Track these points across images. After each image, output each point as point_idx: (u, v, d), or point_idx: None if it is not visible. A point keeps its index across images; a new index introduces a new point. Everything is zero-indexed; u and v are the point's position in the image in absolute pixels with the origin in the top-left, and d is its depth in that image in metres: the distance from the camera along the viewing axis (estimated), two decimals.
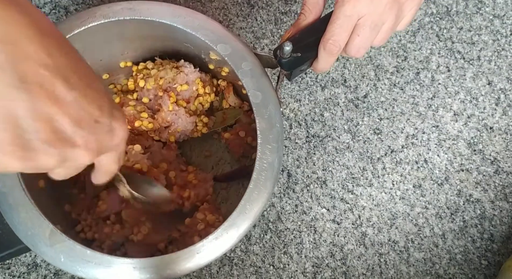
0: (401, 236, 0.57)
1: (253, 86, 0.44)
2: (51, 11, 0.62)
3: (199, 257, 0.40)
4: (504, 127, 0.60)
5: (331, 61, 0.42)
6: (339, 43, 0.40)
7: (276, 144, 0.43)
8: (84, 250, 0.39)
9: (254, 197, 0.41)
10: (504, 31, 0.63)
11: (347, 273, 0.55)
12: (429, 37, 0.63)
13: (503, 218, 0.57)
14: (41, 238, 0.39)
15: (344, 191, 0.58)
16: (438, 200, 0.58)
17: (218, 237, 0.40)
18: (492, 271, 0.56)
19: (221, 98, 0.53)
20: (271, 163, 0.42)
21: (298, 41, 0.42)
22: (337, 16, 0.39)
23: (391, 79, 0.61)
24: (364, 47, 0.41)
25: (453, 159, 0.59)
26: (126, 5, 0.45)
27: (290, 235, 0.56)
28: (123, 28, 0.46)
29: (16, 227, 0.40)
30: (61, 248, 0.39)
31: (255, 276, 0.55)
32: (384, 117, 0.60)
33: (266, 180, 0.42)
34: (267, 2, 0.64)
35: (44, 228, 0.40)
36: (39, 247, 0.40)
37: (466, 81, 0.62)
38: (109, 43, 0.49)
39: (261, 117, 0.43)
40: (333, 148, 0.59)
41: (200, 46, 0.47)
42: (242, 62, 0.44)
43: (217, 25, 0.46)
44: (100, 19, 0.44)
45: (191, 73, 0.51)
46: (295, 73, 0.44)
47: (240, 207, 0.41)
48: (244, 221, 0.41)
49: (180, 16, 0.45)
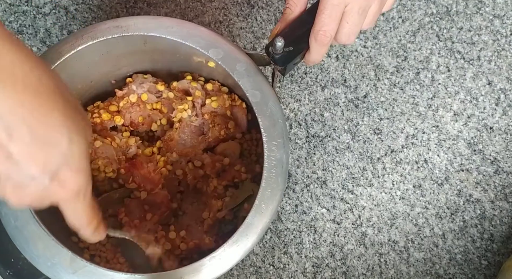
0: (401, 236, 0.57)
1: (251, 86, 0.44)
2: (51, 11, 0.62)
3: (220, 262, 0.40)
4: (504, 127, 0.60)
5: (323, 51, 0.42)
6: (329, 33, 0.40)
7: (282, 140, 0.43)
8: (105, 272, 0.39)
9: (267, 195, 0.41)
10: (504, 31, 0.63)
11: (347, 273, 0.55)
12: (429, 37, 0.63)
13: (503, 218, 0.57)
14: (62, 267, 0.39)
15: (344, 191, 0.58)
16: (438, 200, 0.58)
17: (237, 241, 0.40)
18: (492, 271, 0.56)
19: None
20: (280, 159, 0.42)
21: (288, 35, 0.41)
22: (324, 6, 0.39)
23: (391, 79, 0.61)
24: (354, 33, 0.41)
25: (453, 159, 0.59)
26: (112, 23, 0.45)
27: (290, 235, 0.56)
28: (111, 45, 0.46)
29: (35, 259, 0.40)
30: (84, 273, 0.39)
31: (255, 276, 0.55)
32: (384, 117, 0.60)
33: (277, 177, 0.42)
34: (267, 2, 0.64)
35: (63, 256, 0.40)
36: (62, 276, 0.40)
37: (466, 81, 0.62)
38: (99, 63, 0.48)
39: (263, 115, 0.43)
40: (333, 148, 0.59)
41: (190, 54, 0.46)
42: (236, 63, 0.44)
43: (206, 30, 0.45)
44: (87, 40, 0.44)
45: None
46: (289, 68, 0.44)
47: (255, 207, 0.41)
48: (262, 220, 0.41)
49: (167, 27, 0.45)
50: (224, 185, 0.50)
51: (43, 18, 0.62)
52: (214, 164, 0.49)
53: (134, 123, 0.50)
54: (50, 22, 0.62)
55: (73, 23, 0.62)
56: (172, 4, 0.63)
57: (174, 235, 0.47)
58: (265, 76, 0.45)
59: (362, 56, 0.62)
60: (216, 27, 0.63)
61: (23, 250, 0.40)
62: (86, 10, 0.63)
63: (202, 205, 0.50)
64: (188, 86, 0.51)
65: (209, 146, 0.51)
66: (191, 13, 0.63)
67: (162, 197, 0.48)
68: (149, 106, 0.50)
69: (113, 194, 0.48)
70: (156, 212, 0.48)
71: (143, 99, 0.50)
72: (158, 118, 0.51)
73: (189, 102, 0.50)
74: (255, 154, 0.51)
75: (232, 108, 0.51)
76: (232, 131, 0.51)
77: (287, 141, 0.43)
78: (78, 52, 0.44)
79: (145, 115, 0.50)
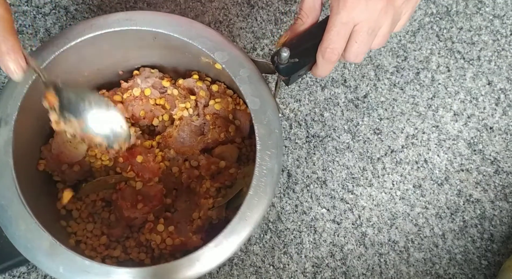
0: (401, 236, 0.57)
1: (251, 93, 0.44)
2: (51, 11, 0.62)
3: (200, 265, 0.40)
4: (504, 127, 0.60)
5: (330, 68, 0.42)
6: (337, 50, 0.40)
7: (276, 150, 0.42)
8: (83, 260, 0.39)
9: (254, 204, 0.41)
10: (504, 31, 0.63)
11: (347, 273, 0.55)
12: (429, 37, 0.63)
13: (503, 218, 0.57)
14: (40, 250, 0.39)
15: (344, 191, 0.58)
16: (438, 200, 0.58)
17: (218, 244, 0.40)
18: (492, 271, 0.56)
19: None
20: (271, 169, 0.42)
21: (295, 46, 0.41)
22: (333, 23, 0.39)
23: (391, 79, 0.61)
24: (363, 52, 0.41)
25: (453, 159, 0.59)
26: (122, 16, 0.45)
27: (290, 235, 0.56)
28: (121, 37, 0.46)
29: (15, 239, 0.40)
30: (61, 259, 0.39)
31: (255, 276, 0.55)
32: (384, 117, 0.60)
33: (266, 186, 0.41)
34: (267, 2, 0.64)
35: (43, 240, 0.40)
36: (38, 259, 0.39)
37: (466, 81, 0.62)
38: (107, 52, 0.48)
39: (260, 123, 0.43)
40: (333, 148, 0.59)
41: (198, 54, 0.46)
42: (240, 69, 0.44)
43: (214, 33, 0.46)
44: (96, 30, 0.44)
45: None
46: (293, 78, 0.44)
47: (240, 214, 0.41)
48: (245, 227, 0.41)
49: (177, 25, 0.45)
50: (217, 187, 0.50)
51: (43, 18, 0.62)
52: (209, 166, 0.49)
53: (135, 116, 0.50)
54: (50, 22, 0.62)
55: (73, 23, 0.62)
56: (172, 4, 0.63)
57: (162, 228, 0.48)
58: (268, 84, 0.45)
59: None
60: (216, 27, 0.63)
61: (5, 228, 0.40)
62: (86, 10, 0.63)
63: (194, 205, 0.50)
64: (193, 85, 0.51)
65: (207, 147, 0.51)
66: (191, 13, 0.63)
67: (157, 190, 0.48)
68: (152, 101, 0.50)
69: (109, 179, 0.49)
70: (148, 203, 0.48)
71: (146, 94, 0.50)
72: (160, 114, 0.51)
73: (192, 101, 0.50)
74: (253, 160, 0.52)
75: (235, 112, 0.51)
76: (232, 134, 0.51)
77: (281, 152, 0.43)
78: (86, 40, 0.44)
79: (147, 109, 0.50)
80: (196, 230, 0.48)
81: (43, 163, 0.48)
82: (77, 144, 0.47)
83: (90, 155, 0.48)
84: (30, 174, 0.46)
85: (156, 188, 0.48)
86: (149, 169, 0.48)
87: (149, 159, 0.48)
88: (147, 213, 0.48)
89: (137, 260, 0.48)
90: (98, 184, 0.49)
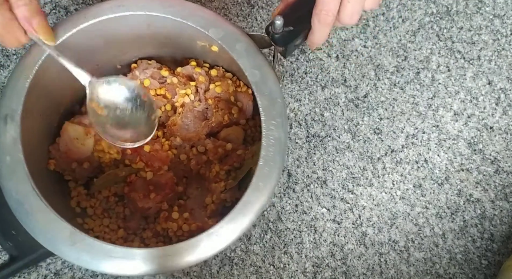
0: (401, 236, 0.57)
1: (250, 65, 0.44)
2: (51, 11, 0.62)
3: (218, 240, 0.40)
4: (504, 126, 0.60)
5: (327, 32, 0.42)
6: (332, 12, 0.40)
7: (280, 119, 0.42)
8: (105, 245, 0.39)
9: (265, 174, 0.41)
10: (504, 30, 0.63)
11: (347, 273, 0.55)
12: (429, 37, 0.63)
13: (503, 217, 0.57)
14: (61, 240, 0.39)
15: (344, 191, 0.58)
16: (438, 200, 0.58)
17: (234, 218, 0.40)
18: (492, 271, 0.56)
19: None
20: (278, 138, 0.42)
21: (289, 15, 0.41)
22: None
23: (391, 79, 0.61)
24: (357, 12, 0.41)
25: (453, 159, 0.59)
26: (115, 3, 0.45)
27: (290, 235, 0.56)
28: (115, 27, 0.46)
29: (35, 232, 0.40)
30: (83, 246, 0.39)
31: (255, 276, 0.55)
32: (384, 117, 0.60)
33: (275, 155, 0.41)
34: (267, 2, 0.64)
35: (63, 229, 0.40)
36: (61, 249, 0.39)
37: (466, 81, 0.62)
38: (104, 46, 0.48)
39: (262, 94, 0.43)
40: (333, 148, 0.59)
41: (194, 37, 0.46)
42: (236, 43, 0.44)
43: (208, 11, 0.45)
44: (90, 19, 0.44)
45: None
46: (290, 49, 0.44)
47: (252, 185, 0.40)
48: (259, 198, 0.40)
49: (169, 6, 0.45)
50: (226, 170, 0.50)
51: None
52: (216, 150, 0.49)
53: None
54: (50, 22, 0.61)
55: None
56: None
57: (177, 215, 0.48)
58: (266, 56, 0.45)
59: (362, 55, 0.62)
60: None
61: (23, 222, 0.40)
62: None
63: (205, 190, 0.50)
64: (192, 71, 0.51)
65: (212, 131, 0.51)
66: None
67: (167, 178, 0.49)
68: (152, 91, 0.50)
69: (119, 171, 0.49)
70: (160, 192, 0.48)
71: (146, 85, 0.50)
72: (163, 104, 0.51)
73: (192, 87, 0.50)
74: (259, 140, 0.52)
75: (236, 94, 0.51)
76: (235, 116, 0.51)
77: (285, 120, 0.43)
78: (82, 30, 0.44)
79: None
80: (210, 215, 0.48)
81: (53, 163, 0.48)
82: (84, 140, 0.48)
83: (98, 150, 0.48)
84: (41, 173, 0.46)
85: (166, 176, 0.49)
86: (158, 158, 0.48)
87: (157, 147, 0.48)
88: (160, 202, 0.48)
89: None
90: (109, 178, 0.49)
